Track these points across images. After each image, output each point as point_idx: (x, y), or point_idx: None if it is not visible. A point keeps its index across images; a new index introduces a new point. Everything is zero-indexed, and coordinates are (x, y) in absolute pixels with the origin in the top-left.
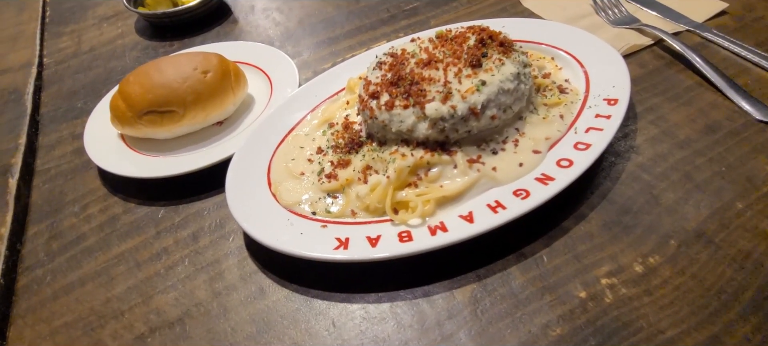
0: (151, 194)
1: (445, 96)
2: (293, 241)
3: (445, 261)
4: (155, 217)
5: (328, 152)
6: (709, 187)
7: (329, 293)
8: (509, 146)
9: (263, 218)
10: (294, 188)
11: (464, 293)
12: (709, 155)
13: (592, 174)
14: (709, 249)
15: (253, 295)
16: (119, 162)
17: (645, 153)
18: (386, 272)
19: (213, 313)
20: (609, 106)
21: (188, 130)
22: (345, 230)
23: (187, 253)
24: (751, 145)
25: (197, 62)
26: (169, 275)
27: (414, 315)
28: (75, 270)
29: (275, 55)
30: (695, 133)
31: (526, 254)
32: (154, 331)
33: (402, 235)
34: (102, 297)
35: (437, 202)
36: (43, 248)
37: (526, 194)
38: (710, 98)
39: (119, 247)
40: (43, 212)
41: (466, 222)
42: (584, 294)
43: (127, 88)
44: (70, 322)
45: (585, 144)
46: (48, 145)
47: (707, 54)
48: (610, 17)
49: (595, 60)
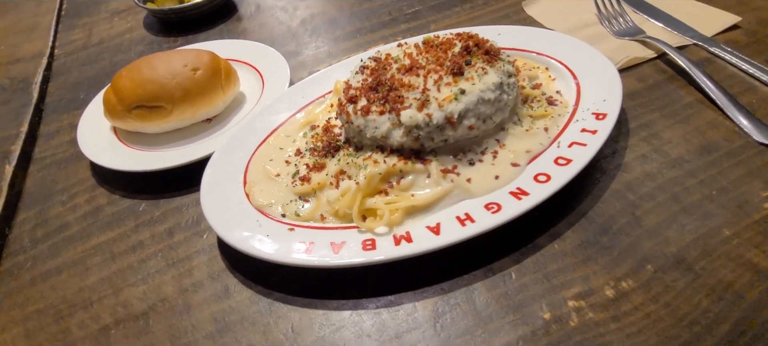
0: (136, 186)
1: (422, 103)
2: (258, 242)
3: (410, 271)
4: (136, 210)
5: (305, 155)
6: (696, 211)
7: (292, 298)
8: (487, 158)
9: (233, 217)
10: (268, 189)
11: (427, 306)
12: (700, 177)
13: (573, 191)
14: (688, 277)
15: (217, 294)
16: (107, 154)
17: (633, 171)
18: (350, 278)
19: (177, 309)
20: (596, 121)
21: (176, 125)
22: (311, 234)
23: (161, 248)
24: (748, 168)
25: (188, 59)
26: (141, 268)
27: (374, 325)
28: (54, 258)
29: (270, 55)
30: (689, 153)
31: (494, 270)
32: (118, 323)
33: (366, 243)
34: (75, 286)
35: (406, 211)
36: (28, 235)
37: (498, 207)
38: (710, 117)
39: (98, 238)
40: (34, 199)
41: (433, 234)
42: (549, 316)
43: (119, 82)
44: (42, 309)
45: (566, 159)
46: (47, 134)
47: (713, 70)
48: (614, 28)
49: (588, 72)
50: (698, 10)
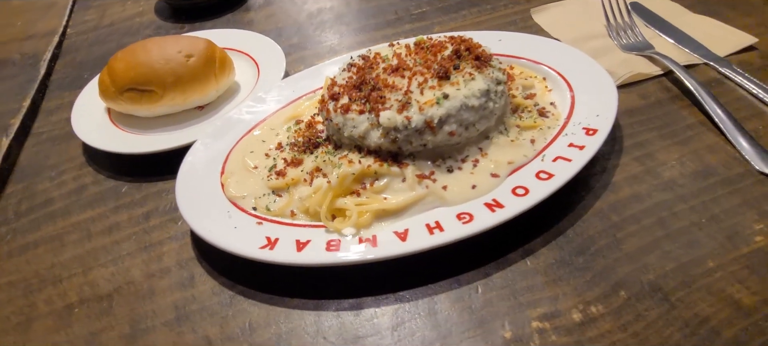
0: (122, 168)
1: (403, 106)
2: (223, 233)
3: (374, 276)
4: (119, 191)
5: (286, 149)
6: (682, 238)
7: (254, 292)
8: (467, 166)
9: (205, 206)
10: (243, 180)
11: (387, 313)
12: (691, 203)
13: (553, 207)
14: (662, 307)
15: (182, 282)
16: (96, 134)
17: (620, 191)
18: (313, 278)
19: (141, 293)
20: (586, 137)
21: (167, 110)
22: (278, 230)
23: (136, 231)
24: (743, 198)
25: (183, 46)
26: (114, 249)
27: (332, 326)
28: (34, 232)
29: (269, 46)
30: (682, 177)
31: (460, 282)
32: (83, 302)
33: (331, 243)
34: (49, 262)
35: (375, 214)
36: (13, 208)
37: (470, 218)
38: (710, 140)
39: (78, 216)
40: (25, 172)
41: (399, 239)
42: (510, 335)
43: (114, 63)
44: (14, 281)
45: (548, 174)
46: (48, 110)
47: (720, 91)
48: (622, 41)
49: (585, 85)
50: (714, 28)
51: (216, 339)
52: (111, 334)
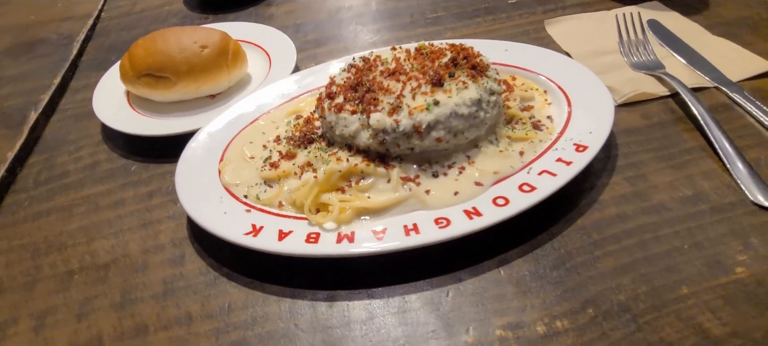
0: (133, 148)
1: (393, 109)
2: (212, 217)
3: (350, 271)
4: (128, 170)
5: (282, 142)
6: (660, 262)
7: (237, 276)
8: (452, 173)
9: (200, 190)
10: (239, 169)
11: (359, 308)
12: (677, 228)
13: (535, 219)
14: (628, 328)
15: (173, 259)
16: (113, 114)
17: (606, 210)
18: (293, 267)
19: (135, 266)
20: (575, 153)
21: (180, 97)
22: (264, 219)
23: (139, 208)
24: (731, 227)
25: (199, 37)
26: (116, 223)
27: (305, 315)
28: (48, 201)
29: (282, 42)
30: (672, 201)
31: (433, 284)
32: (83, 270)
33: (310, 236)
34: (57, 230)
35: (357, 211)
36: (33, 176)
37: (447, 223)
38: (707, 166)
39: (89, 189)
40: (48, 145)
41: (376, 238)
42: (472, 340)
43: (135, 49)
44: (25, 244)
45: (530, 187)
46: (75, 88)
47: (727, 117)
48: (632, 59)
49: (584, 101)
50: (730, 51)
51: (196, 316)
52: (103, 301)
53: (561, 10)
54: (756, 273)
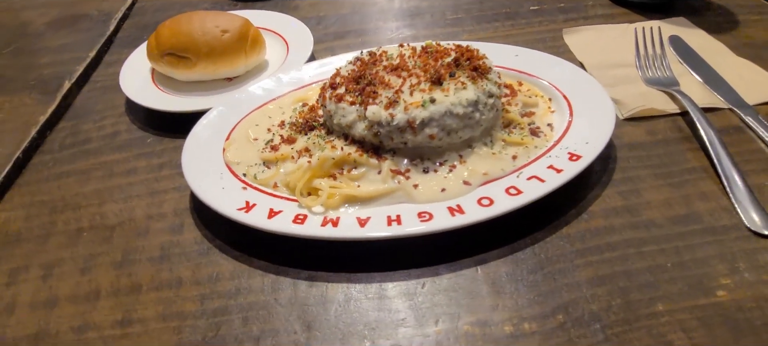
0: (152, 122)
1: (390, 103)
2: (210, 190)
3: (334, 254)
4: (144, 141)
5: (286, 127)
6: (641, 277)
7: (228, 249)
8: (443, 170)
9: (203, 164)
10: (241, 149)
11: (338, 289)
12: (663, 245)
13: (520, 223)
14: (595, 338)
15: (173, 227)
16: (136, 89)
17: (593, 221)
18: (280, 245)
19: (138, 231)
20: (568, 162)
21: (199, 77)
22: (257, 197)
23: (148, 177)
24: (720, 250)
25: (221, 21)
26: (126, 189)
27: (286, 291)
28: (70, 164)
29: (302, 32)
30: (663, 219)
31: (411, 276)
32: (91, 229)
33: (298, 217)
34: (74, 191)
35: (345, 198)
36: (59, 140)
37: (430, 217)
38: (707, 188)
39: (107, 156)
40: (77, 113)
41: (359, 225)
42: (439, 331)
43: (161, 29)
44: (45, 201)
45: (517, 190)
46: (108, 62)
47: (736, 139)
48: (647, 74)
49: (587, 112)
50: (752, 73)
51: (186, 281)
52: (105, 259)
53: (583, 20)
54: (738, 298)
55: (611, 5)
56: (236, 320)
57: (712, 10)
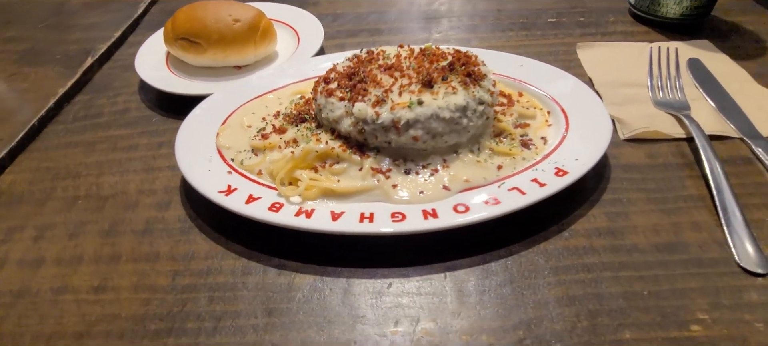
0: (160, 102)
1: (378, 101)
2: (196, 171)
3: (306, 245)
4: (150, 120)
5: (279, 118)
6: (612, 302)
7: (207, 229)
8: (425, 173)
9: (196, 145)
10: (234, 134)
11: (305, 280)
12: (642, 272)
13: (496, 235)
14: None
15: (160, 203)
16: (149, 70)
17: (573, 240)
18: (257, 231)
19: (127, 204)
20: (554, 177)
21: (209, 63)
22: (240, 182)
23: (147, 155)
24: (703, 283)
25: (235, 11)
26: (125, 164)
27: (255, 277)
28: (79, 135)
29: (314, 27)
30: (648, 245)
31: (377, 275)
32: (86, 197)
33: (274, 205)
34: (78, 160)
35: (323, 192)
36: (74, 112)
37: (402, 218)
38: (701, 218)
39: (114, 131)
40: (94, 88)
41: (331, 219)
42: (396, 333)
43: (178, 14)
44: (50, 167)
45: (495, 200)
46: (132, 43)
47: (742, 171)
48: (657, 96)
49: (583, 128)
50: None
51: (163, 255)
52: (93, 227)
53: (601, 35)
54: (713, 336)
55: (633, 23)
56: (202, 299)
57: (739, 35)
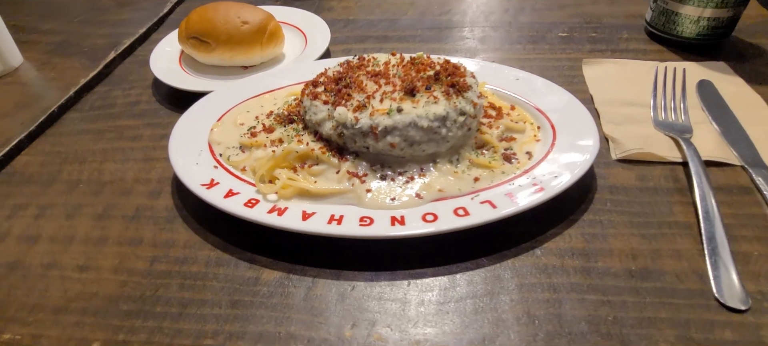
0: (169, 97)
1: (359, 107)
2: (184, 163)
3: (278, 242)
4: (157, 113)
5: (271, 117)
6: (572, 325)
7: (191, 220)
8: (400, 180)
9: (189, 139)
10: (226, 131)
11: (273, 276)
12: (610, 297)
13: (463, 247)
14: None
15: (152, 192)
16: (161, 66)
17: (543, 258)
18: (235, 226)
19: (122, 191)
20: (529, 192)
21: (217, 62)
22: (223, 177)
23: (149, 145)
24: (674, 315)
25: (244, 13)
26: (128, 153)
27: (227, 269)
28: (91, 123)
29: (322, 31)
30: (621, 270)
31: (342, 276)
32: (88, 182)
33: (250, 201)
34: (85, 147)
35: (298, 191)
36: (91, 102)
37: (370, 222)
38: (683, 246)
39: (122, 122)
40: (113, 80)
41: (300, 218)
42: (350, 335)
43: (193, 13)
44: (60, 151)
45: (465, 212)
46: (154, 39)
47: (737, 201)
48: (658, 116)
49: (569, 145)
50: None
51: (146, 241)
52: (89, 210)
53: (610, 52)
54: None
55: (648, 41)
56: (174, 285)
57: (760, 58)
